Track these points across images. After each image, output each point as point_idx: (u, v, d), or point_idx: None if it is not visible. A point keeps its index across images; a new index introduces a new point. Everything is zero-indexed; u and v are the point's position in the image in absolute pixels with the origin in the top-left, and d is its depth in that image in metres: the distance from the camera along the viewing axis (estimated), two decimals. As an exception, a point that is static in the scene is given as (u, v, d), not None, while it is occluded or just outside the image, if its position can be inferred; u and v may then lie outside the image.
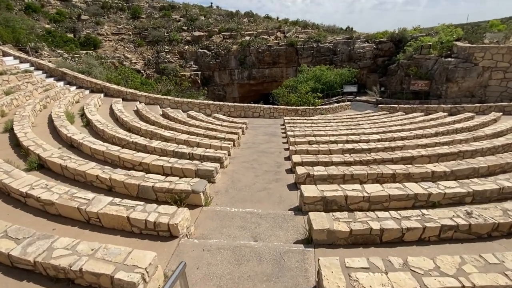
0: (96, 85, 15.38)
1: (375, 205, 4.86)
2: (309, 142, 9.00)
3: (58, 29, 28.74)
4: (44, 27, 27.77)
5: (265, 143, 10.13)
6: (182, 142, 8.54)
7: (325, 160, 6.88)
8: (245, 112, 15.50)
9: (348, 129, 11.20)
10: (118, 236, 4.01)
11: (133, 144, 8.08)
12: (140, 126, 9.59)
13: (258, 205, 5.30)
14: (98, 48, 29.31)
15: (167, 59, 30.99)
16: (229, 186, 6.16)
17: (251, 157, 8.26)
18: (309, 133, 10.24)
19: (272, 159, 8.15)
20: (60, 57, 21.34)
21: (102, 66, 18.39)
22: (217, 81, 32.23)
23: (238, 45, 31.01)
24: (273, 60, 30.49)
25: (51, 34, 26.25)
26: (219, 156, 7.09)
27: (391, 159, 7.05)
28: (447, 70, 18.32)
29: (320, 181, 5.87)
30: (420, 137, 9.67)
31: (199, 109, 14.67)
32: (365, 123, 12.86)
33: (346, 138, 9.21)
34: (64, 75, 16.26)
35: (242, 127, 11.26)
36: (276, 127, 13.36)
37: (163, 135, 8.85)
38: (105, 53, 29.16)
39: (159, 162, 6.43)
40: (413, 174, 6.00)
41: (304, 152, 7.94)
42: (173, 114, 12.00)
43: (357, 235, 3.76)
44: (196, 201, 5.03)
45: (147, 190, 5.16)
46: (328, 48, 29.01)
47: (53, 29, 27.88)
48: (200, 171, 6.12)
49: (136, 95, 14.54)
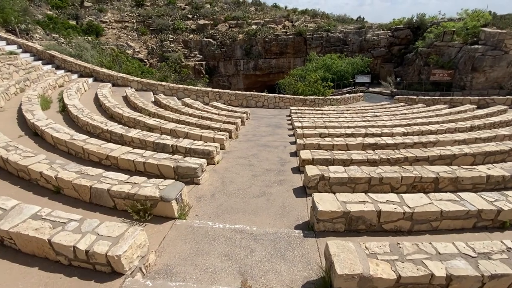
0: (86, 69, 14.04)
1: (420, 224, 3.40)
2: (320, 134, 7.51)
3: (60, 16, 27.52)
4: (46, 13, 26.58)
5: (267, 135, 8.68)
6: (168, 131, 7.14)
7: (342, 157, 5.41)
8: (248, 101, 13.99)
9: (365, 120, 9.65)
10: (36, 269, 2.65)
11: (108, 133, 6.73)
12: (123, 112, 8.22)
13: (253, 218, 3.88)
14: (101, 35, 28.00)
15: (171, 48, 29.48)
16: (217, 189, 4.75)
17: (250, 152, 6.83)
18: (320, 124, 8.73)
19: (275, 154, 6.71)
20: (55, 41, 20.01)
21: (95, 50, 16.98)
22: (222, 72, 30.69)
23: (244, 34, 29.22)
24: (280, 50, 28.57)
25: (52, 20, 25.06)
26: (208, 149, 5.67)
27: (426, 157, 5.53)
28: (473, 59, 16.44)
29: (338, 186, 4.42)
30: (453, 131, 8.10)
31: (197, 97, 13.22)
32: (383, 114, 11.26)
33: (365, 131, 7.68)
34: (52, 58, 14.97)
35: (242, 117, 9.80)
36: (281, 117, 11.86)
37: (147, 123, 7.46)
38: (108, 41, 27.92)
39: (130, 156, 5.04)
40: (462, 179, 4.49)
41: (315, 147, 6.46)
42: (165, 101, 10.59)
43: (408, 285, 2.32)
44: (167, 211, 3.64)
45: (102, 194, 3.79)
46: (338, 38, 27.10)
47: (54, 16, 26.67)
48: (181, 168, 4.71)
49: (127, 80, 13.14)
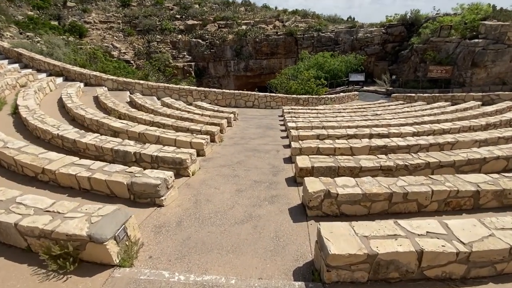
0: (55, 67, 12.64)
1: (479, 268, 2.29)
2: (318, 136, 6.38)
3: (41, 16, 25.91)
4: (26, 13, 24.97)
5: (257, 137, 7.51)
6: (136, 136, 5.91)
7: (349, 164, 4.28)
8: (236, 101, 12.80)
9: (367, 119, 8.59)
10: None
11: (59, 138, 5.46)
12: (85, 114, 6.93)
13: (234, 260, 2.70)
14: (85, 36, 26.52)
15: (158, 49, 28.20)
16: (187, 212, 3.55)
17: (236, 158, 5.65)
18: (317, 124, 7.60)
19: (266, 161, 5.55)
20: (29, 40, 18.42)
21: (70, 48, 15.53)
22: (212, 73, 29.55)
23: (234, 35, 28.29)
24: (271, 51, 27.77)
25: (33, 20, 23.50)
26: (180, 158, 4.46)
27: (451, 162, 4.46)
28: (473, 54, 15.67)
29: (349, 204, 3.29)
30: (467, 130, 7.12)
31: (179, 96, 11.96)
32: (385, 113, 10.24)
33: (369, 131, 6.60)
34: (20, 57, 13.55)
35: (229, 118, 8.62)
36: (273, 118, 10.74)
37: (111, 126, 6.20)
38: (92, 42, 26.45)
39: (72, 169, 3.80)
40: (509, 192, 3.43)
41: (313, 151, 5.33)
42: (140, 101, 9.33)
43: None
44: (102, 256, 2.43)
45: (8, 231, 2.55)
46: (329, 38, 26.47)
47: (35, 16, 25.07)
48: (137, 186, 3.50)
49: (101, 78, 11.79)
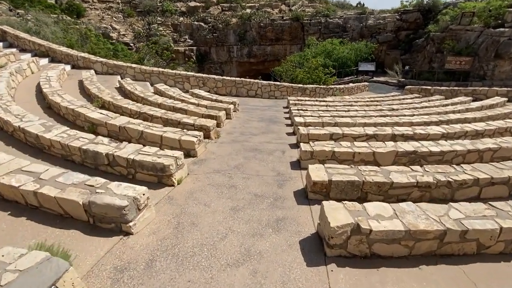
0: (41, 47, 11.54)
1: None
2: (332, 136, 5.40)
3: None
4: None
5: (260, 133, 6.55)
6: (116, 130, 4.96)
7: (376, 178, 3.33)
8: (237, 89, 11.73)
9: (385, 115, 7.56)
10: None
11: (21, 131, 4.53)
12: (60, 102, 5.97)
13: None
14: (82, 16, 25.21)
15: (159, 31, 26.87)
16: (162, 245, 2.64)
17: (234, 161, 4.72)
18: (328, 120, 6.59)
19: (270, 165, 4.61)
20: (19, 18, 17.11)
21: (59, 26, 14.32)
22: (214, 58, 28.37)
23: (238, 18, 27.01)
24: (276, 36, 26.50)
25: None
26: (161, 164, 3.52)
27: (505, 179, 3.52)
28: (497, 44, 14.37)
29: (385, 244, 2.38)
30: (504, 132, 6.11)
31: (175, 83, 10.91)
32: (401, 107, 9.19)
33: (391, 131, 5.60)
34: (4, 35, 12.46)
35: (228, 109, 7.63)
36: (277, 109, 9.72)
37: (88, 116, 5.25)
38: (90, 22, 25.12)
39: (16, 180, 2.88)
40: None
41: (328, 156, 4.38)
42: (129, 87, 8.31)
43: None
44: None
45: None
46: (337, 24, 25.10)
47: None
48: (96, 207, 2.59)
49: (89, 61, 10.70)
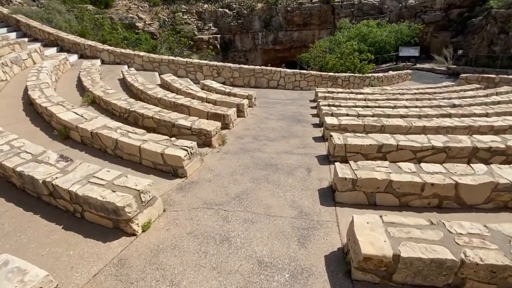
0: (50, 35, 10.87)
1: None
2: (381, 148, 3.77)
3: None
4: None
5: (278, 137, 5.07)
6: (89, 136, 3.78)
7: (490, 256, 1.77)
8: (256, 80, 10.22)
9: (447, 114, 5.67)
10: None
11: (-37, 140, 3.48)
12: (37, 98, 4.93)
13: None
14: (110, 7, 25.03)
15: (183, 20, 26.06)
16: None
17: (236, 186, 3.32)
18: (371, 121, 4.89)
19: (289, 195, 3.15)
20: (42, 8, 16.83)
21: (73, 14, 13.64)
22: (238, 46, 27.14)
23: (264, 3, 25.42)
24: (304, 21, 24.48)
25: None
26: (113, 204, 2.23)
27: None
28: None
29: None
30: None
31: (187, 73, 9.67)
32: (465, 102, 7.12)
33: (470, 142, 3.84)
34: (18, 24, 12.02)
35: (241, 104, 6.20)
36: (302, 103, 8.12)
37: (60, 119, 4.12)
38: (118, 13, 24.91)
39: None
40: None
41: (380, 188, 2.83)
42: (130, 79, 7.19)
43: None
44: None
45: None
46: (372, 5, 22.44)
47: None
48: None
49: (96, 49, 9.78)
